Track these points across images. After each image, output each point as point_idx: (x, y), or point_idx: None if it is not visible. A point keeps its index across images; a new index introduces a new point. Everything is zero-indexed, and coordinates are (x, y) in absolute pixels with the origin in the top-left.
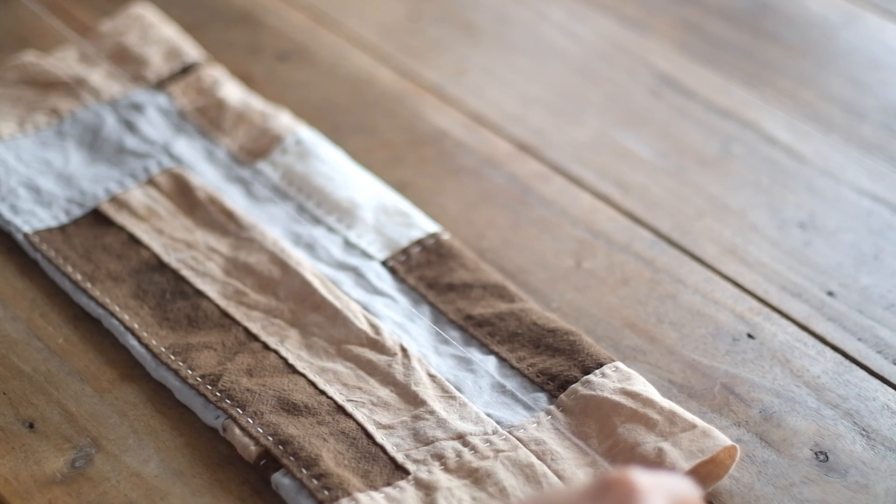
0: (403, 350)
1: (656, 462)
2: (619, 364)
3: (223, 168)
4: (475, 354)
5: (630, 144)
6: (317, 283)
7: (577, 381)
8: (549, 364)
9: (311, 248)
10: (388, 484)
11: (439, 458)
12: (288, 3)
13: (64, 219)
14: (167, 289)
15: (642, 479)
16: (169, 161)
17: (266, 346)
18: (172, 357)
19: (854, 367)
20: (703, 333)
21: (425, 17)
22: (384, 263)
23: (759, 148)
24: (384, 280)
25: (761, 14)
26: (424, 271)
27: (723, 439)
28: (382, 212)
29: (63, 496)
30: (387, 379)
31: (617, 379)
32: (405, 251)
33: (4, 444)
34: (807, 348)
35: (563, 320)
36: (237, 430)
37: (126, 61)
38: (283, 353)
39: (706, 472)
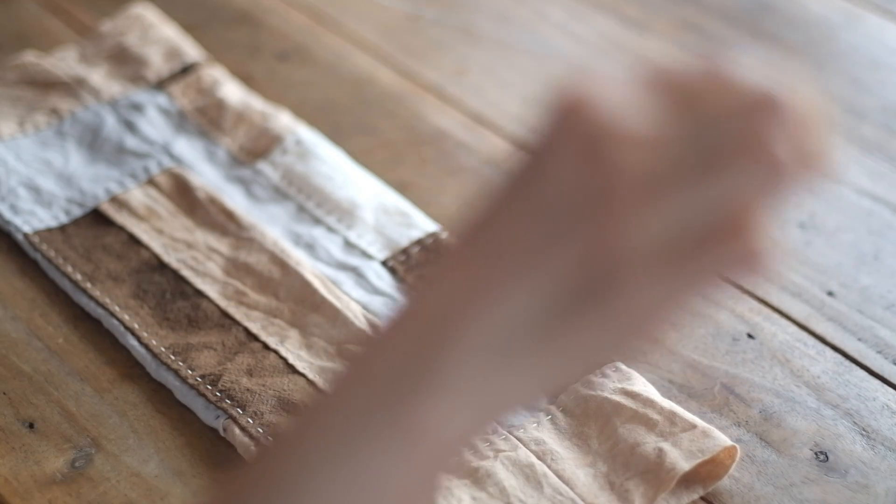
0: None
1: (657, 462)
2: (620, 364)
3: (223, 168)
4: None
5: None
6: (317, 284)
7: (577, 382)
8: None
9: (311, 248)
10: None
11: None
12: (288, 3)
13: (64, 219)
14: (167, 289)
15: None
16: (169, 161)
17: (266, 346)
18: (172, 357)
19: (854, 367)
20: (703, 333)
21: (425, 17)
22: (384, 263)
23: None
24: (384, 280)
25: (761, 14)
26: (425, 271)
27: (723, 440)
28: (382, 212)
29: (63, 496)
30: None
31: (617, 379)
32: (405, 251)
33: (4, 444)
34: (807, 348)
35: None
36: (237, 431)
37: (126, 61)
38: (283, 353)
39: (706, 472)
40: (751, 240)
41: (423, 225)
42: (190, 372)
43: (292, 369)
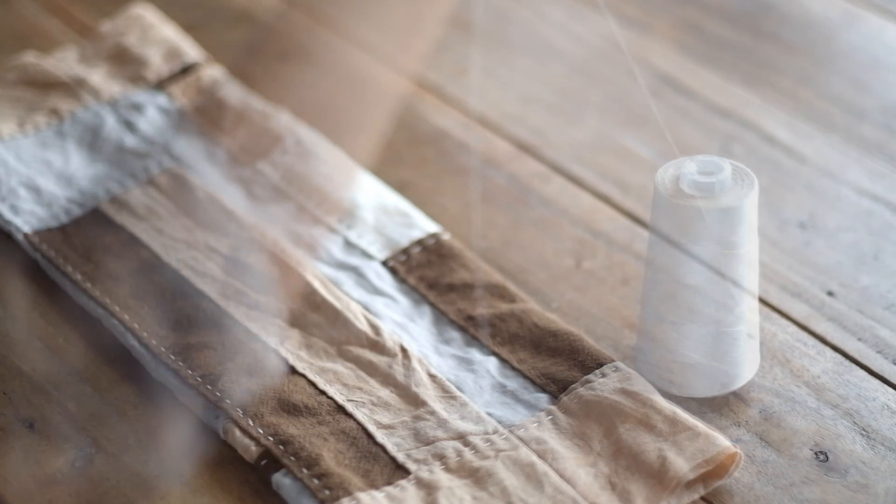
0: (404, 350)
1: (659, 465)
2: (619, 364)
3: (223, 168)
4: (476, 355)
5: (630, 144)
6: (317, 284)
7: (577, 382)
8: (549, 364)
9: (311, 248)
10: (389, 483)
11: (440, 457)
12: (288, 3)
13: (64, 219)
14: (167, 289)
15: None
16: (169, 161)
17: (266, 347)
18: (172, 357)
19: (854, 367)
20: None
21: (425, 17)
22: (384, 263)
23: (759, 148)
24: (384, 280)
25: (761, 14)
26: (425, 271)
27: (723, 441)
28: (382, 212)
29: (63, 496)
30: (387, 380)
31: (617, 379)
32: (405, 251)
33: (4, 444)
34: (807, 348)
35: (563, 320)
36: (237, 431)
37: (126, 61)
38: (284, 353)
39: (706, 473)
40: None
41: (424, 225)
42: (190, 372)
43: (292, 369)
